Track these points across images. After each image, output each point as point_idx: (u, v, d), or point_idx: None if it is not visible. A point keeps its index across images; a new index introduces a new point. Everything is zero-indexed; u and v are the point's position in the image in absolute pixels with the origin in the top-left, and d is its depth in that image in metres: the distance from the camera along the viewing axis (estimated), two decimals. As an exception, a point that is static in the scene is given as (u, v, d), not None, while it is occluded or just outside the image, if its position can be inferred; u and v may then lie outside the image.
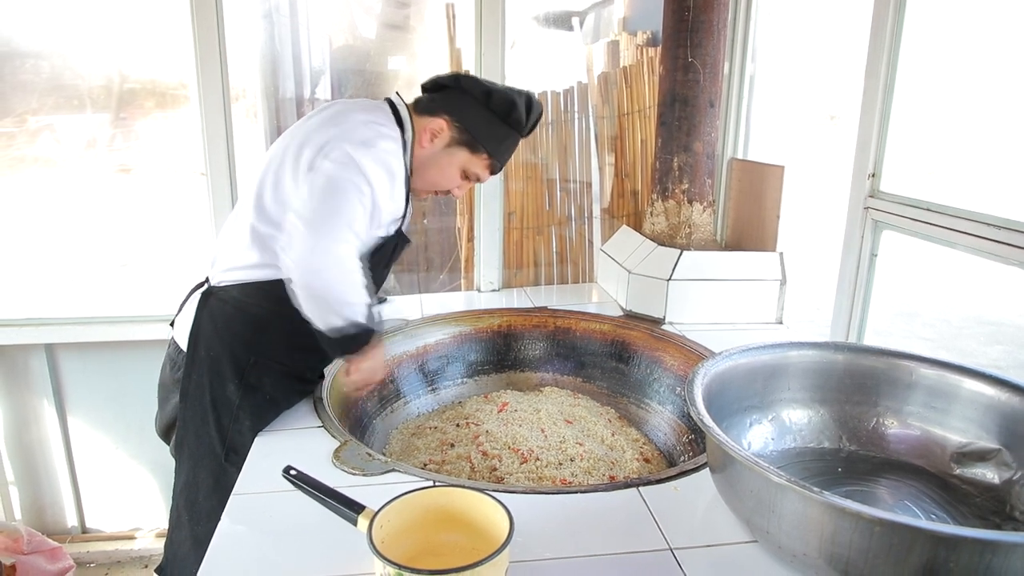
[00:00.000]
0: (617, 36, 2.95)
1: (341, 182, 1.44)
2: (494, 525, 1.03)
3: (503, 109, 1.61)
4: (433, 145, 1.63)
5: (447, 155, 1.64)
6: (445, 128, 1.62)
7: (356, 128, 1.52)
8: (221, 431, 1.53)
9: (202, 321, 1.56)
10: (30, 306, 2.60)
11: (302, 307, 1.43)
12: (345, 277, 1.42)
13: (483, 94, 1.61)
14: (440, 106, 1.63)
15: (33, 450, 2.72)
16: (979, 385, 1.27)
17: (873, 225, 1.96)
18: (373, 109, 1.62)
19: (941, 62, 7.18)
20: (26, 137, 2.58)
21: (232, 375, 1.53)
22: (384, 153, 1.50)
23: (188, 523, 1.58)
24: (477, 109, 1.62)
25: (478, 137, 1.63)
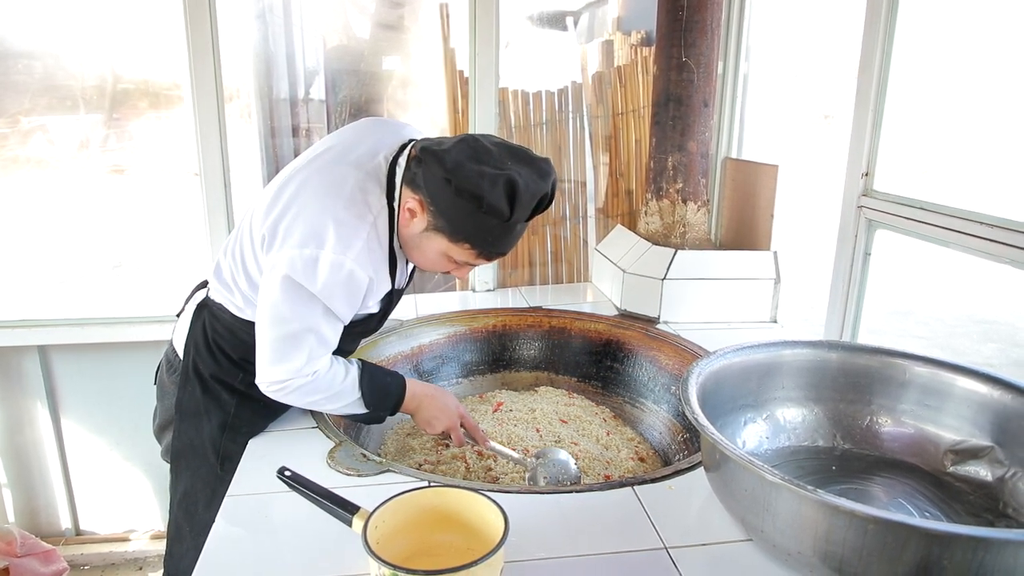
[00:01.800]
0: (611, 36, 2.95)
1: (287, 311, 1.33)
2: (489, 525, 1.03)
3: (469, 199, 1.27)
4: (412, 226, 1.37)
5: (425, 239, 1.38)
6: (420, 210, 1.34)
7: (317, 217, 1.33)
8: (213, 442, 1.52)
9: (196, 333, 1.54)
10: (23, 307, 2.59)
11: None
12: (312, 396, 1.42)
13: (444, 180, 1.27)
14: (420, 180, 1.33)
15: (27, 452, 2.71)
16: (972, 383, 1.27)
17: (867, 224, 1.96)
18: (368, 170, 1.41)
19: (934, 61, 7.20)
20: (19, 138, 2.57)
21: (224, 385, 1.53)
22: (347, 276, 1.32)
23: (190, 535, 1.57)
24: (445, 194, 1.29)
25: (454, 226, 1.33)
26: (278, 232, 1.36)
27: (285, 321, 1.35)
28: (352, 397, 1.47)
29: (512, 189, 1.26)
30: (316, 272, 1.31)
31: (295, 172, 1.45)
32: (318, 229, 1.32)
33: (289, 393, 1.40)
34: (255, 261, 1.44)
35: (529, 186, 1.28)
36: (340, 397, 1.46)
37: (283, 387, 1.39)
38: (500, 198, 1.26)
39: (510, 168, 1.28)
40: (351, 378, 1.47)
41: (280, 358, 1.37)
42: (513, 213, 1.28)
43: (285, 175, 1.46)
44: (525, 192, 1.28)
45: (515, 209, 1.28)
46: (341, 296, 1.35)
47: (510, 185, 1.26)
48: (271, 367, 1.38)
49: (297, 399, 1.42)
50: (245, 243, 1.46)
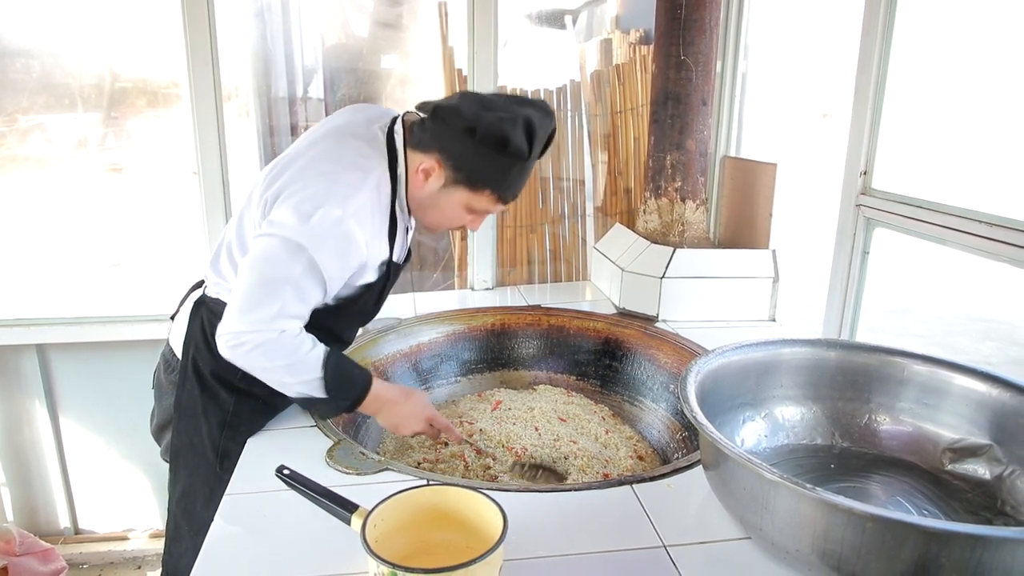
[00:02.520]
0: (610, 34, 2.95)
1: (269, 262, 1.33)
2: (488, 523, 1.03)
3: (494, 144, 1.34)
4: (428, 185, 1.42)
5: (445, 195, 1.43)
6: (437, 168, 1.40)
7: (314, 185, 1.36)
8: (213, 440, 1.52)
9: (194, 331, 1.53)
10: (21, 306, 2.59)
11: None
12: (268, 359, 1.34)
13: (466, 131, 1.34)
14: (431, 140, 1.40)
15: (25, 451, 2.71)
16: (970, 381, 1.28)
17: (865, 222, 1.97)
18: (367, 139, 1.46)
19: (933, 60, 7.21)
20: (17, 136, 2.57)
21: (223, 383, 1.51)
22: (335, 223, 1.32)
23: (188, 534, 1.57)
24: (465, 144, 1.36)
25: (475, 175, 1.40)
26: (279, 197, 1.37)
27: (265, 266, 1.32)
28: (313, 375, 1.38)
29: (530, 128, 1.35)
30: (309, 221, 1.31)
31: (297, 149, 1.48)
32: (318, 190, 1.34)
33: (250, 351, 1.32)
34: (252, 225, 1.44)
35: (542, 124, 1.37)
36: (300, 370, 1.37)
37: (244, 341, 1.31)
38: (521, 138, 1.34)
39: (520, 110, 1.35)
40: (316, 354, 1.39)
41: (250, 306, 1.31)
42: (532, 151, 1.37)
43: (287, 153, 1.48)
44: (540, 129, 1.36)
45: (534, 147, 1.37)
46: (331, 249, 1.33)
47: (528, 124, 1.34)
48: (238, 316, 1.31)
49: (255, 360, 1.33)
50: (246, 222, 1.46)
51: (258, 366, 1.36)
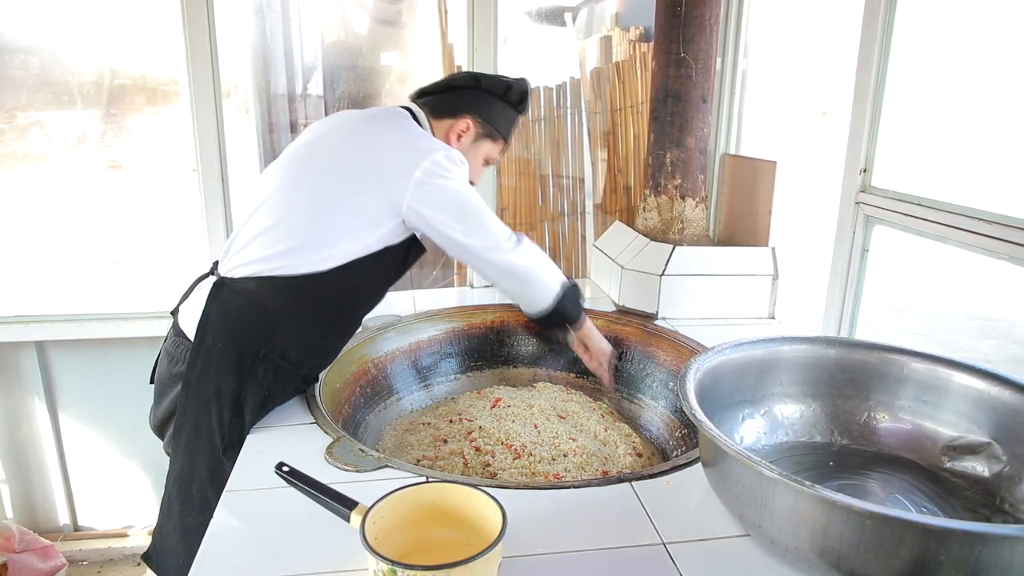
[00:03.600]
0: (610, 31, 2.95)
1: (472, 201, 1.63)
2: (487, 520, 1.03)
3: (517, 99, 1.79)
4: (461, 144, 1.74)
5: (474, 150, 1.77)
6: (471, 126, 1.75)
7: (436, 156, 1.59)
8: (222, 424, 1.52)
9: (212, 311, 1.54)
10: (21, 303, 2.59)
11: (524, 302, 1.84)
12: (530, 256, 1.72)
13: (504, 89, 1.76)
14: (461, 106, 1.74)
15: (24, 448, 2.71)
16: (970, 379, 1.28)
17: (865, 220, 1.97)
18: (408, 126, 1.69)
19: (933, 58, 7.20)
20: (16, 133, 2.56)
21: (238, 367, 1.51)
22: (456, 153, 1.64)
23: (179, 513, 1.57)
24: (497, 104, 1.76)
25: (498, 127, 1.78)
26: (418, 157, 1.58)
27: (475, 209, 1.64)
28: (553, 271, 1.80)
29: (525, 84, 1.82)
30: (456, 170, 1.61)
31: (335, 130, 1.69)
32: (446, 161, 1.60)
33: (516, 253, 1.68)
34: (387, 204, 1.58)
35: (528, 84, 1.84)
36: (546, 265, 1.78)
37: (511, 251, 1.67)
38: (528, 95, 1.83)
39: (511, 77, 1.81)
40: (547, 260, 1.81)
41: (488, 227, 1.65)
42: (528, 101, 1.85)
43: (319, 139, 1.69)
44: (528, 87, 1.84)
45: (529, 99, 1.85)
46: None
47: (523, 82, 1.81)
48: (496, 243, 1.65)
49: (523, 258, 1.70)
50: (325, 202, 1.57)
51: (535, 255, 1.74)
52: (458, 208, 1.61)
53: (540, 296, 1.78)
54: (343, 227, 1.55)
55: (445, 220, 1.60)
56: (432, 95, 1.78)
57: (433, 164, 1.57)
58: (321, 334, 1.62)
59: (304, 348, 1.60)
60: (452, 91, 1.77)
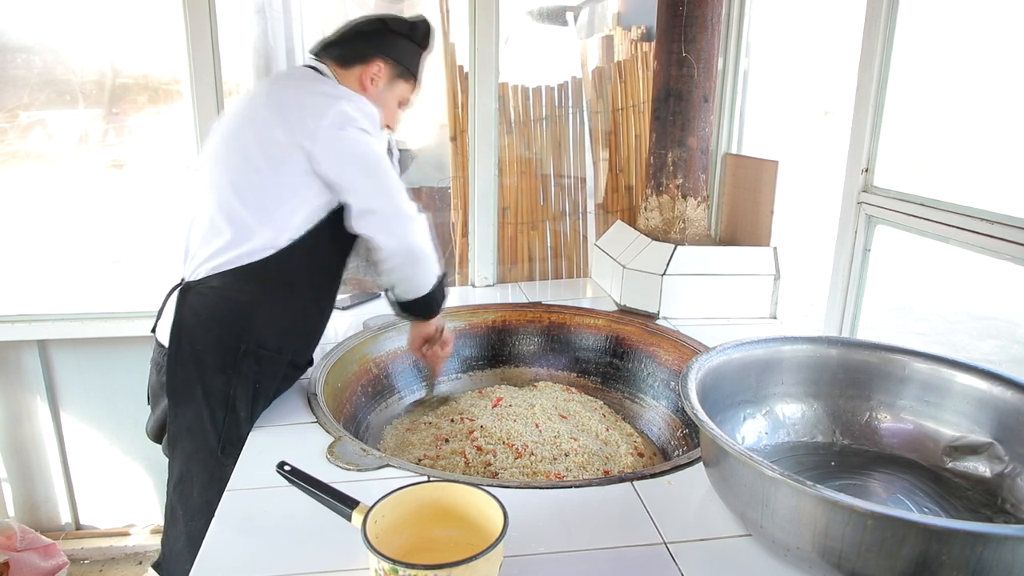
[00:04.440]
0: (611, 31, 2.95)
1: (375, 157, 1.56)
2: (488, 520, 1.03)
3: (423, 36, 1.77)
4: (375, 87, 1.70)
5: (388, 92, 1.74)
6: (383, 68, 1.71)
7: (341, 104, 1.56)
8: (216, 424, 1.51)
9: (184, 316, 1.52)
10: (23, 302, 2.59)
11: (398, 280, 1.67)
12: (428, 235, 1.64)
13: (409, 28, 1.74)
14: (368, 52, 1.69)
15: (26, 447, 2.72)
16: (971, 379, 1.28)
17: (866, 220, 1.96)
18: (313, 79, 1.66)
19: (935, 57, 7.19)
20: (18, 132, 2.56)
21: (222, 366, 1.51)
22: (369, 106, 1.61)
23: (183, 519, 1.57)
24: (403, 43, 1.73)
25: (409, 67, 1.76)
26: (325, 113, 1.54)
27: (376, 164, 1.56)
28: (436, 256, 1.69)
29: (427, 21, 1.79)
30: (363, 121, 1.56)
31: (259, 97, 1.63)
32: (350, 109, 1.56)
33: (418, 222, 1.61)
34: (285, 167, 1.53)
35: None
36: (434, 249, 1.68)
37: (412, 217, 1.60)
38: (431, 30, 1.80)
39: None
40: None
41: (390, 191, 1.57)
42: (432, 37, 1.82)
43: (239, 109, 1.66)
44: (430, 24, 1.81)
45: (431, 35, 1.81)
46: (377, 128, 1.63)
47: (425, 20, 1.78)
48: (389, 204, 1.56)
49: (423, 232, 1.62)
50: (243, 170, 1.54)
51: (427, 244, 1.64)
52: (365, 163, 1.55)
53: (423, 279, 1.69)
54: (276, 202, 1.52)
55: (350, 174, 1.54)
56: (338, 45, 1.72)
57: (339, 114, 1.53)
58: (298, 315, 1.60)
59: (283, 333, 1.58)
60: (359, 37, 1.71)
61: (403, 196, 1.58)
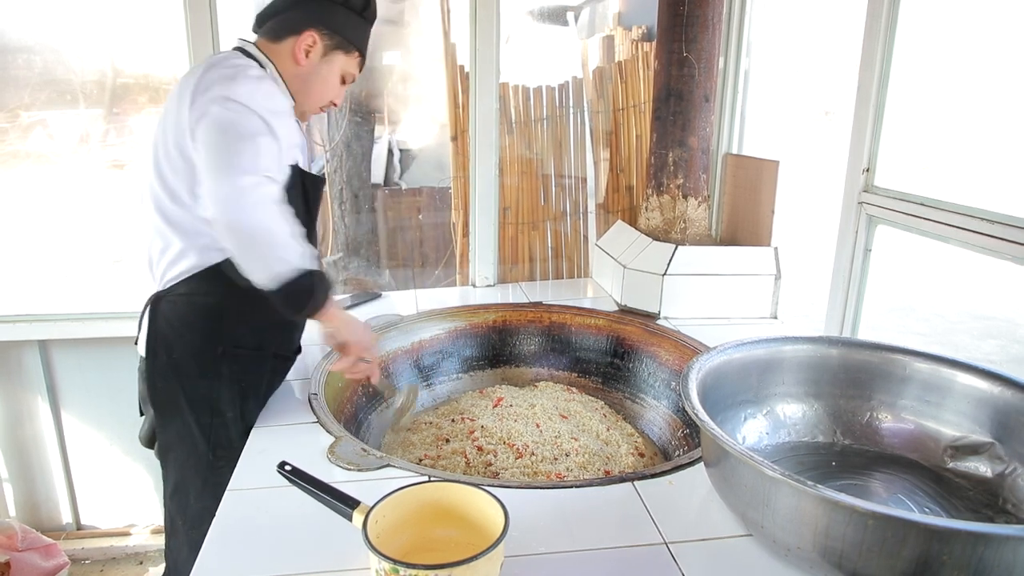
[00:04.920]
0: (612, 31, 2.95)
1: (229, 121, 1.37)
2: (489, 520, 1.03)
3: (360, 4, 1.62)
4: (310, 60, 1.59)
5: (326, 64, 1.61)
6: (317, 39, 1.58)
7: (214, 71, 1.45)
8: (203, 430, 1.51)
9: (157, 326, 1.52)
10: (24, 302, 2.59)
11: (241, 265, 1.36)
12: (274, 211, 1.34)
13: (331, 4, 1.58)
14: (300, 22, 1.57)
15: (27, 446, 2.72)
16: (972, 379, 1.28)
17: (867, 220, 1.96)
18: (225, 56, 1.54)
19: (936, 57, 7.18)
20: (18, 132, 2.57)
21: (201, 371, 1.50)
22: (255, 79, 1.44)
23: (183, 528, 1.57)
24: (340, 11, 1.59)
25: (348, 37, 1.62)
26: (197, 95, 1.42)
27: (227, 129, 1.36)
28: (308, 249, 1.40)
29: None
30: (235, 86, 1.40)
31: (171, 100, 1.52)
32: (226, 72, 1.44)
33: (250, 196, 1.32)
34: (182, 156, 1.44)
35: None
36: (296, 236, 1.38)
37: (243, 189, 1.31)
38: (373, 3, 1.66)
39: None
40: (303, 238, 1.41)
41: (233, 161, 1.34)
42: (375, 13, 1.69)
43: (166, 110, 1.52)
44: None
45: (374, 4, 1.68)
46: (264, 96, 1.42)
47: None
48: (225, 176, 1.33)
49: (260, 208, 1.32)
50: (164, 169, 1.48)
51: (258, 215, 1.33)
52: (209, 133, 1.38)
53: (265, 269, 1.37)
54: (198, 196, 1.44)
55: (201, 147, 1.39)
56: (271, 16, 1.61)
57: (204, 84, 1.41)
58: (272, 310, 1.43)
59: (259, 329, 1.56)
60: (292, 6, 1.59)
61: (240, 168, 1.33)
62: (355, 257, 3.24)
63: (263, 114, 1.39)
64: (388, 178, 3.58)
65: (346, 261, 3.22)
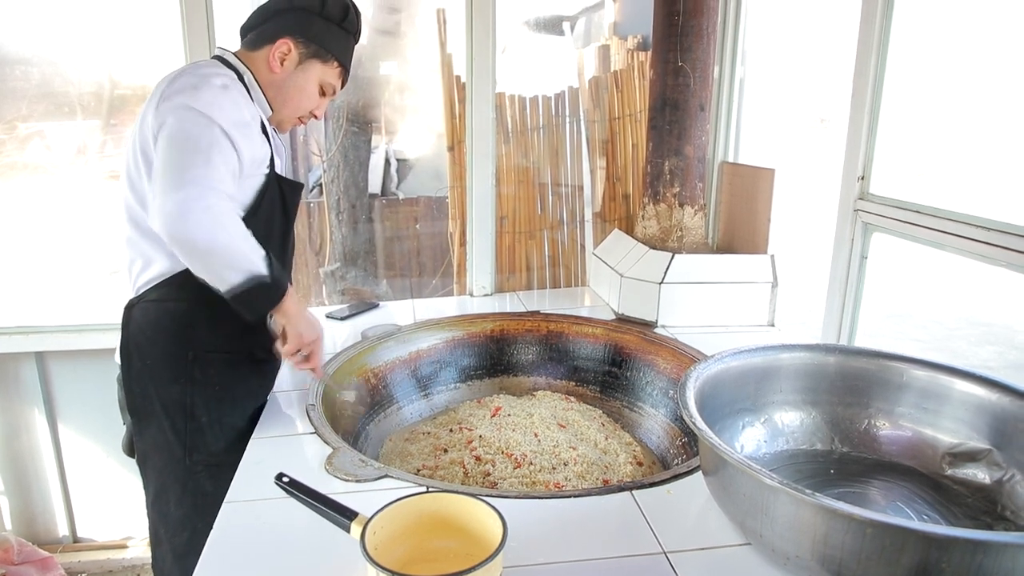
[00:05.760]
0: (608, 40, 2.96)
1: (184, 132, 1.35)
2: (488, 530, 1.03)
3: (339, 15, 1.61)
4: (285, 68, 1.59)
5: (302, 72, 1.61)
6: (292, 47, 1.58)
7: (181, 79, 1.44)
8: (178, 435, 1.51)
9: (131, 332, 1.53)
10: (21, 314, 2.59)
11: (193, 269, 1.36)
12: (220, 222, 1.32)
13: (319, 4, 1.59)
14: (276, 31, 1.58)
15: (23, 459, 2.70)
16: (970, 386, 1.28)
17: (863, 227, 1.97)
18: (198, 64, 1.54)
19: (929, 65, 7.22)
20: (16, 144, 2.57)
21: (174, 376, 1.50)
22: (220, 88, 1.43)
23: (165, 537, 1.56)
24: (314, 20, 1.59)
25: (325, 46, 1.61)
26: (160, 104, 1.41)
27: (180, 138, 1.35)
28: (258, 253, 1.38)
29: (354, 6, 1.67)
30: (198, 93, 1.39)
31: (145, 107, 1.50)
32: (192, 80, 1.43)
33: (194, 210, 1.29)
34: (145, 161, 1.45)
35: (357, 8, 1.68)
36: (246, 242, 1.36)
37: (187, 202, 1.29)
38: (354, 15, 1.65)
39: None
40: (256, 243, 1.39)
41: (180, 174, 1.31)
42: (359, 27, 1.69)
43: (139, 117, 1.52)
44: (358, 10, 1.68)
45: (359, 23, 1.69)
46: (226, 106, 1.41)
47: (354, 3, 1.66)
48: (171, 189, 1.30)
49: (204, 221, 1.29)
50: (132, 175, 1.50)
51: (208, 227, 1.30)
52: (165, 141, 1.36)
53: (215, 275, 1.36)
54: None
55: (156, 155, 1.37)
56: (251, 27, 1.62)
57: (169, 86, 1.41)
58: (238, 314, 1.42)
59: (237, 334, 1.54)
60: (271, 18, 1.59)
61: (185, 181, 1.31)
62: (352, 267, 3.24)
63: (223, 124, 1.38)
64: (385, 188, 3.58)
65: (344, 271, 3.22)
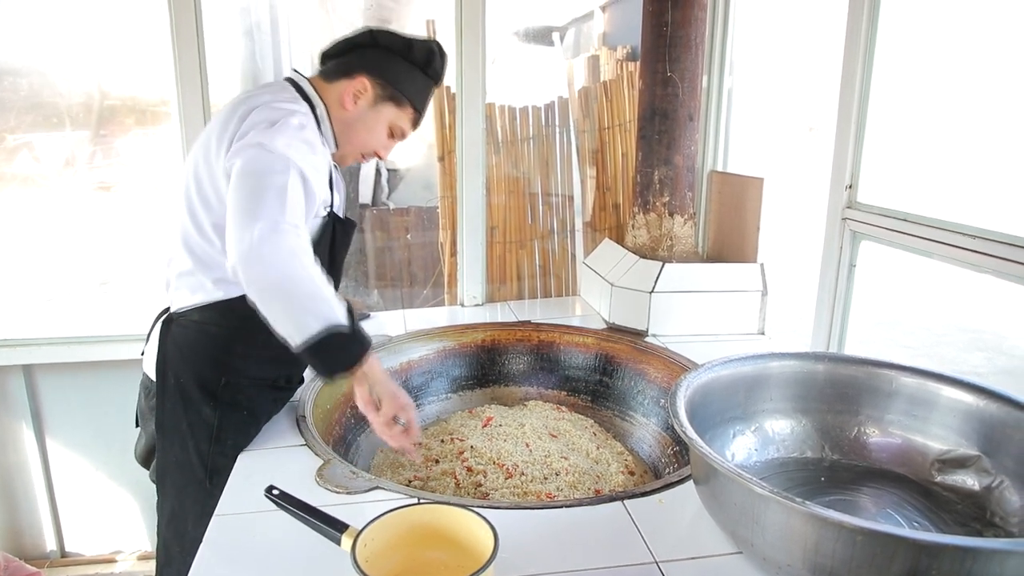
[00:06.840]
0: (597, 51, 2.98)
1: (261, 171, 1.31)
2: (479, 542, 1.03)
3: (423, 59, 1.58)
4: (358, 106, 1.56)
5: (374, 113, 1.58)
6: (368, 87, 1.55)
7: (257, 113, 1.43)
8: (201, 456, 1.50)
9: (167, 349, 1.52)
10: (8, 326, 2.57)
11: (268, 320, 1.27)
12: (300, 264, 1.26)
13: (404, 47, 1.56)
14: (356, 66, 1.55)
15: (11, 473, 2.68)
16: (958, 393, 1.28)
17: (851, 236, 1.98)
18: (276, 90, 1.54)
19: (916, 73, 7.29)
20: (4, 155, 2.56)
21: (206, 398, 1.50)
22: (296, 128, 1.40)
23: (179, 555, 1.54)
24: (397, 63, 1.57)
25: (402, 91, 1.58)
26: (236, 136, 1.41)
27: (257, 175, 1.31)
28: (332, 300, 1.30)
29: (443, 54, 1.64)
30: (275, 135, 1.35)
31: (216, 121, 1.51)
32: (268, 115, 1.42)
33: (269, 247, 1.23)
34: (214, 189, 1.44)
35: (445, 53, 1.65)
36: (327, 287, 1.30)
37: (260, 241, 1.23)
38: (439, 60, 1.62)
39: (430, 42, 1.62)
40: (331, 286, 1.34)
41: (255, 210, 1.26)
42: (442, 73, 1.66)
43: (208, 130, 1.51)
44: (445, 55, 1.65)
45: (443, 72, 1.66)
46: (303, 149, 1.38)
47: (441, 48, 1.63)
48: (247, 223, 1.25)
49: (284, 257, 1.24)
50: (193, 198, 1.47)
51: (287, 264, 1.25)
52: (239, 177, 1.32)
53: (286, 324, 1.28)
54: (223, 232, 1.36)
55: (230, 191, 1.32)
56: (331, 56, 1.60)
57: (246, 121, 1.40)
58: (280, 348, 1.32)
59: (267, 363, 1.56)
60: (352, 51, 1.58)
61: (262, 216, 1.25)
62: (343, 277, 3.23)
63: (301, 166, 1.35)
64: (376, 198, 3.58)
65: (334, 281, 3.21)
